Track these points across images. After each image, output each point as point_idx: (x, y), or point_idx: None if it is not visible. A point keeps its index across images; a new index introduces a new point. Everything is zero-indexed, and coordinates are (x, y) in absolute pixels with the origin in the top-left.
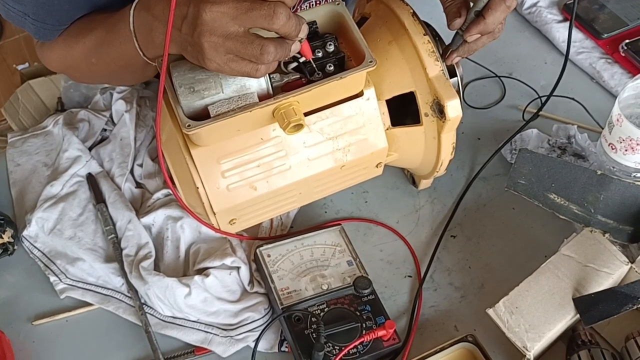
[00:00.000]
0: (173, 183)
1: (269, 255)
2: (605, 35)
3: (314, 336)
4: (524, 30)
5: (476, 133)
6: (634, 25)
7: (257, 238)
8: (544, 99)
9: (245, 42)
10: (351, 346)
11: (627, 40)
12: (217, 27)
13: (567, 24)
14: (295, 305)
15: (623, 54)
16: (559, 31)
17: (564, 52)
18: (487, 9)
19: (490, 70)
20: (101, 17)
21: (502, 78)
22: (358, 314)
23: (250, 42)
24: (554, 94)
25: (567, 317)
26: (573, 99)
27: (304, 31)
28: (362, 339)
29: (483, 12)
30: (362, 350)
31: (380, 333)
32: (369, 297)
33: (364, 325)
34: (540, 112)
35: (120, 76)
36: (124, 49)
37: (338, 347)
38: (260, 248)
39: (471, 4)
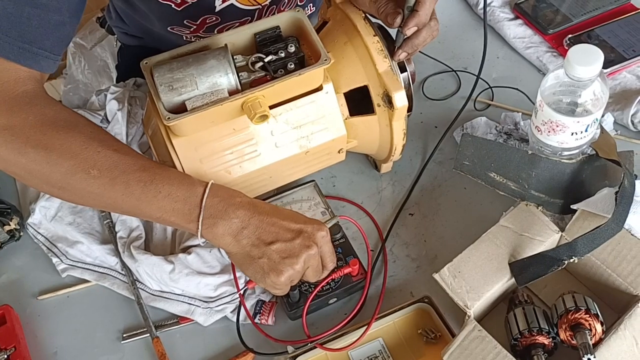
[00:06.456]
0: None
1: None
2: (551, 30)
3: None
4: (479, 28)
5: (433, 122)
6: (577, 21)
7: None
8: (495, 90)
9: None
10: (324, 283)
11: (570, 35)
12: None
13: (518, 21)
14: None
15: (567, 47)
16: (510, 28)
17: (515, 48)
18: (417, 4)
19: (447, 65)
20: (127, 158)
21: (458, 72)
22: None
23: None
24: (503, 85)
25: (503, 280)
26: (517, 89)
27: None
28: (333, 276)
29: (415, 6)
30: (334, 286)
31: (347, 270)
32: (340, 241)
33: (336, 263)
34: (491, 102)
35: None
36: (146, 207)
37: (311, 286)
38: None
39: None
